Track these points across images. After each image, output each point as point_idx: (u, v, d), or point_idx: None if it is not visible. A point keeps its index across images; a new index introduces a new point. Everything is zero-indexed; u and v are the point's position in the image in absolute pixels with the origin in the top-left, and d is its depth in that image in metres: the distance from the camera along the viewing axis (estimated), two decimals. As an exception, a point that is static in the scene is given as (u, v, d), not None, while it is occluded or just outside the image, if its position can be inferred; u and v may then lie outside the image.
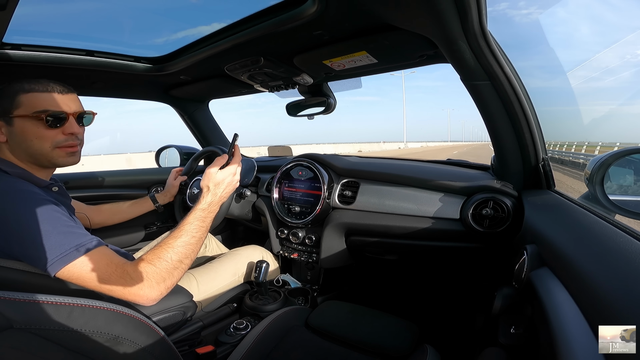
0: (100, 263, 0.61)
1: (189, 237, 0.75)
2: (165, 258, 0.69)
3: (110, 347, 0.54)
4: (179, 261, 0.70)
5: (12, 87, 0.69)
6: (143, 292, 0.63)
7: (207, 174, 0.85)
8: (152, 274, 0.65)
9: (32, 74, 1.12)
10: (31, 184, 0.66)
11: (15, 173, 0.66)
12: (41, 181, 0.71)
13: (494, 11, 2.33)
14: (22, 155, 0.70)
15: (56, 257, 0.57)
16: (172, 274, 0.68)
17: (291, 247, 1.29)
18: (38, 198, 0.62)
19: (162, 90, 1.51)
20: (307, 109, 1.42)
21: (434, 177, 1.03)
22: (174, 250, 0.71)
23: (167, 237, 0.74)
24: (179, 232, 0.75)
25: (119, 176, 1.49)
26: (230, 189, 0.88)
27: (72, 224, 0.64)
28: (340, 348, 0.80)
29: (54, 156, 0.72)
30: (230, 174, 0.87)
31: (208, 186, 0.84)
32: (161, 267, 0.67)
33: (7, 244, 0.58)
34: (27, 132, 0.69)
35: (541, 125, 0.84)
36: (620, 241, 0.46)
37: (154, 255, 0.69)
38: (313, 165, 1.19)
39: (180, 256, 0.71)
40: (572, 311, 0.41)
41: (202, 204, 0.82)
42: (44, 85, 0.71)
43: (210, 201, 0.83)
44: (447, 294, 1.34)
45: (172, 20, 1.13)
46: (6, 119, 0.69)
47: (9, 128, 0.69)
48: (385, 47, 0.88)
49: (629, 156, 0.77)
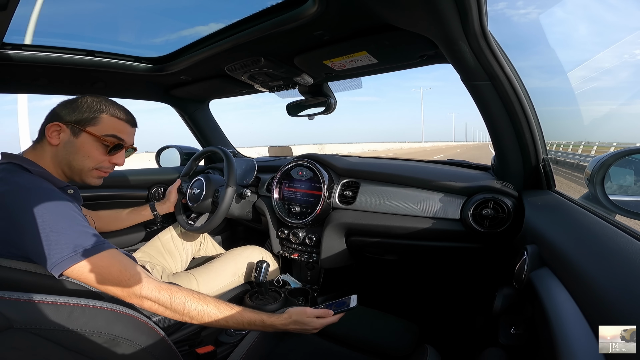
0: (113, 266, 0.61)
1: (224, 319, 0.70)
2: (186, 304, 0.66)
3: (111, 347, 0.54)
4: (190, 317, 0.67)
5: (99, 104, 0.73)
6: (142, 301, 0.63)
7: (304, 311, 0.78)
8: (162, 300, 0.64)
9: (33, 74, 1.12)
10: (50, 184, 0.67)
11: (37, 172, 0.67)
12: (60, 182, 0.72)
13: (492, 11, 2.34)
14: (60, 162, 0.72)
15: (68, 254, 0.57)
16: (174, 314, 0.66)
17: (291, 247, 1.29)
18: (57, 196, 0.63)
19: (162, 91, 1.51)
20: (307, 109, 1.43)
21: (434, 178, 1.03)
22: (201, 310, 0.68)
23: (212, 298, 0.71)
24: (225, 307, 0.70)
25: (120, 176, 1.49)
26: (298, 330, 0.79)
27: (87, 225, 0.64)
28: (340, 348, 0.80)
29: (88, 176, 0.76)
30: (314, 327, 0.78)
31: (291, 316, 0.77)
32: (174, 304, 0.65)
33: (20, 238, 0.58)
34: (84, 148, 0.72)
35: (541, 125, 0.84)
36: (621, 241, 0.46)
37: (182, 294, 0.67)
38: (313, 166, 1.19)
39: (196, 316, 0.67)
40: (572, 311, 0.41)
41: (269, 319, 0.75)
42: (125, 114, 0.77)
43: (276, 325, 0.76)
44: (447, 294, 1.33)
45: (173, 20, 1.13)
46: (75, 130, 0.72)
47: (70, 138, 0.72)
48: (385, 47, 0.88)
49: (629, 156, 0.77)
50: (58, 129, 0.71)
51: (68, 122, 0.71)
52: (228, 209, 1.22)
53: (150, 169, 1.66)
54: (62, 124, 0.71)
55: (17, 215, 0.58)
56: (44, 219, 0.58)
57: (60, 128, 0.71)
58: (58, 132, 0.71)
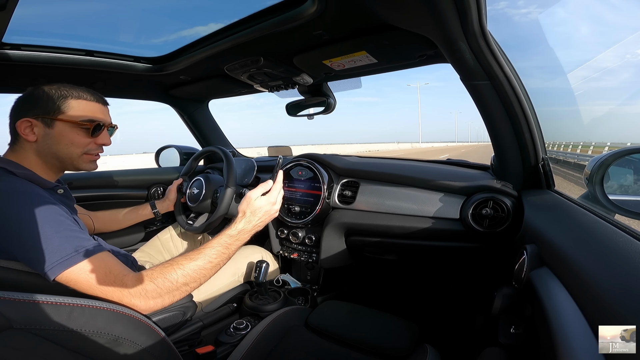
0: (99, 271, 0.60)
1: (205, 261, 0.70)
2: (169, 278, 0.65)
3: (110, 347, 0.54)
4: (184, 284, 0.66)
5: (60, 90, 0.70)
6: (136, 302, 0.62)
7: (247, 198, 0.79)
8: (150, 290, 0.63)
9: (32, 74, 1.12)
10: (36, 186, 0.65)
11: (22, 174, 0.66)
12: (47, 183, 0.70)
13: (492, 10, 2.34)
14: (47, 156, 0.70)
15: (56, 261, 0.57)
16: (172, 294, 0.65)
17: (291, 247, 1.29)
18: (41, 200, 0.61)
19: (162, 90, 1.51)
20: (307, 109, 1.43)
21: (434, 177, 1.03)
22: (183, 271, 0.67)
23: (181, 255, 0.70)
24: (196, 253, 0.71)
25: (119, 176, 1.49)
26: (266, 219, 0.81)
27: (75, 228, 0.63)
28: (340, 348, 0.80)
29: (79, 162, 0.74)
30: (270, 202, 0.80)
31: (244, 212, 0.78)
32: (162, 286, 0.64)
33: (8, 245, 0.58)
34: (64, 136, 0.70)
35: (541, 125, 0.84)
36: (620, 241, 0.46)
37: (159, 272, 0.65)
38: (313, 165, 1.19)
39: (187, 279, 0.67)
40: (572, 311, 0.41)
41: (232, 229, 0.76)
42: (91, 94, 0.74)
43: (241, 228, 0.77)
44: (447, 294, 1.34)
45: (172, 20, 1.13)
46: (47, 121, 0.69)
47: (45, 130, 0.69)
48: (385, 47, 0.88)
49: (628, 156, 0.77)
50: (29, 124, 0.68)
51: (36, 116, 0.68)
52: (227, 209, 1.21)
53: (149, 169, 1.66)
54: (31, 119, 0.68)
55: (2, 223, 0.57)
56: (29, 225, 0.57)
57: (31, 123, 0.68)
58: (31, 128, 0.68)
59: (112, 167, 1.66)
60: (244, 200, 0.80)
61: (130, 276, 0.63)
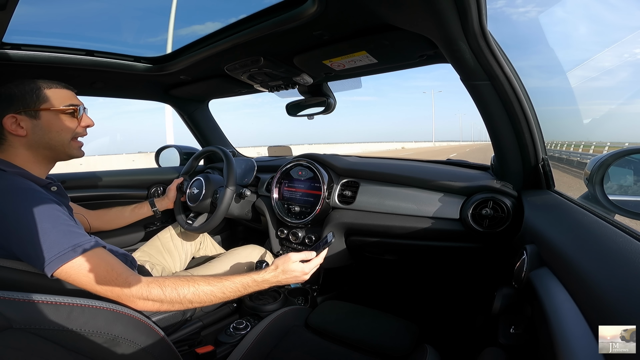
0: (99, 267, 0.60)
1: (219, 291, 0.72)
2: (179, 290, 0.66)
3: (110, 347, 0.54)
4: (189, 301, 0.68)
5: (32, 84, 0.71)
6: (135, 301, 0.62)
7: (287, 256, 0.81)
8: (154, 294, 0.64)
9: (32, 74, 1.12)
10: (31, 182, 0.66)
11: (14, 172, 0.66)
12: (40, 180, 0.70)
13: (490, 9, 2.30)
14: (39, 149, 0.71)
15: (54, 255, 0.57)
16: (173, 305, 0.67)
17: (291, 247, 1.29)
18: (38, 196, 0.62)
19: (162, 90, 1.51)
20: (307, 109, 1.43)
21: (434, 177, 1.03)
22: (196, 290, 0.68)
23: (201, 276, 0.72)
24: (215, 280, 0.72)
25: (119, 176, 1.48)
26: (291, 281, 0.82)
27: (72, 224, 0.63)
28: (340, 348, 0.80)
29: (71, 148, 0.76)
30: (304, 272, 0.81)
31: (277, 266, 0.79)
32: (168, 294, 0.65)
33: (7, 242, 0.58)
34: (53, 124, 0.72)
35: (540, 124, 0.84)
36: (620, 241, 0.46)
37: (172, 281, 0.67)
38: (313, 165, 1.19)
39: (194, 298, 0.68)
40: (572, 311, 0.41)
41: (258, 276, 0.77)
42: (57, 83, 0.75)
43: (267, 279, 0.78)
44: (446, 294, 1.34)
45: (173, 20, 1.13)
46: (31, 113, 0.70)
47: (33, 122, 0.70)
48: (385, 47, 0.88)
49: (628, 156, 0.77)
50: (14, 120, 0.68)
51: (18, 111, 0.68)
52: (227, 210, 1.21)
53: (149, 168, 1.66)
54: (15, 115, 0.68)
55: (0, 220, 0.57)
56: (27, 220, 0.57)
57: (16, 119, 0.68)
58: (17, 123, 0.68)
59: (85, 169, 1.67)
60: (284, 256, 0.81)
61: (134, 277, 0.63)
